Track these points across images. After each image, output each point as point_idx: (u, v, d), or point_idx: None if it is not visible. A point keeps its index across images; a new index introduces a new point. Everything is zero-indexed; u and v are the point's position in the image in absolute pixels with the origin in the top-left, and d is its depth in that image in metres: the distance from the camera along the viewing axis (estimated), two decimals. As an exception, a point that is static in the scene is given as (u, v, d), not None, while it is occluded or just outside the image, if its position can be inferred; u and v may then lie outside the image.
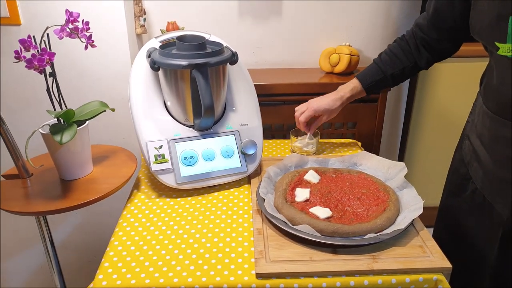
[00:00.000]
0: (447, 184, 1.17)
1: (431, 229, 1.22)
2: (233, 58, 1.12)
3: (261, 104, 1.23)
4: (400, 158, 2.08)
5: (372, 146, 1.67)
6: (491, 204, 0.96)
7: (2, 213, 1.01)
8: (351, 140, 1.43)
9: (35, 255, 1.72)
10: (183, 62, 1.02)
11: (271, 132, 1.65)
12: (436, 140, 1.99)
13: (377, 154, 1.69)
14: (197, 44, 1.06)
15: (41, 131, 1.03)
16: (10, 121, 1.30)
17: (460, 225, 1.08)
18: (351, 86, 1.22)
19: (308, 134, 1.29)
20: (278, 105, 1.60)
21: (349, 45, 1.67)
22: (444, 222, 1.19)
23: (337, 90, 1.25)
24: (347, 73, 1.65)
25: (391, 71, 1.17)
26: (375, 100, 1.59)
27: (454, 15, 0.98)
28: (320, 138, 1.38)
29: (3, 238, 1.67)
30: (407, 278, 0.80)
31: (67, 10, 0.95)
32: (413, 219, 0.91)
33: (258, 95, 1.24)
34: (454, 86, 1.88)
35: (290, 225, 0.90)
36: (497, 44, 0.81)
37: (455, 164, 1.12)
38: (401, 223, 0.90)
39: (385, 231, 0.88)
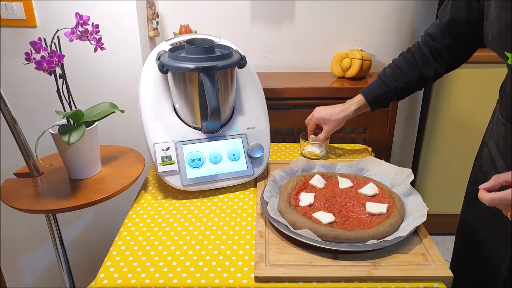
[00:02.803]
0: (466, 192, 1.14)
1: (446, 237, 1.20)
2: (241, 62, 1.12)
3: (272, 108, 1.24)
4: (414, 165, 2.05)
5: (383, 152, 1.65)
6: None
7: (15, 211, 1.03)
8: (361, 146, 1.42)
9: (47, 253, 1.75)
10: (191, 65, 1.04)
11: (281, 136, 1.65)
12: (452, 147, 1.96)
13: (388, 160, 1.67)
14: (205, 48, 1.08)
15: (51, 131, 1.05)
16: (25, 121, 1.34)
17: (476, 235, 1.06)
18: (357, 99, 1.23)
19: (309, 138, 1.30)
20: (289, 109, 1.60)
21: (362, 50, 1.66)
22: (462, 231, 1.16)
23: (345, 102, 1.25)
24: (359, 78, 1.64)
25: (394, 84, 1.17)
26: (387, 105, 1.58)
27: (471, 20, 0.96)
28: (330, 143, 1.37)
29: (15, 235, 1.71)
30: (407, 286, 0.79)
31: (77, 13, 0.98)
32: (417, 227, 0.90)
33: (269, 99, 1.24)
34: (472, 93, 1.85)
35: (292, 229, 0.90)
36: (506, 53, 0.80)
37: (475, 172, 1.10)
38: (404, 230, 0.89)
39: (387, 238, 0.87)
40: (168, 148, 1.09)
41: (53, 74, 1.00)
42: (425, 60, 1.12)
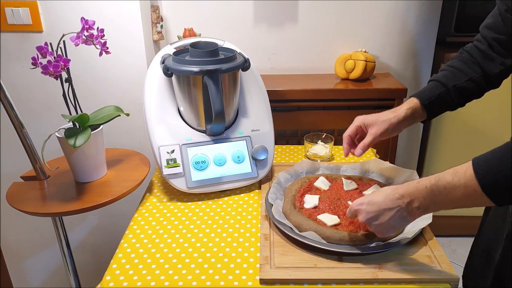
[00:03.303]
0: None
1: (452, 239, 1.19)
2: (245, 65, 1.13)
3: (276, 110, 1.24)
4: (419, 167, 2.04)
5: (387, 153, 1.65)
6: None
7: (22, 214, 1.04)
8: (365, 147, 1.41)
9: (53, 255, 1.76)
10: (195, 69, 1.04)
11: (285, 138, 1.65)
12: (457, 148, 1.95)
13: (393, 161, 1.67)
14: (209, 51, 1.08)
15: (57, 135, 1.06)
16: (31, 125, 1.35)
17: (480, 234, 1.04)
18: (409, 102, 1.01)
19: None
20: (293, 111, 1.60)
21: (365, 51, 1.66)
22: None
23: None
24: (363, 80, 1.64)
25: (453, 83, 0.97)
26: (391, 106, 1.58)
27: None
28: (335, 145, 1.37)
29: (22, 238, 1.72)
30: (412, 288, 0.79)
31: (82, 18, 0.99)
32: (422, 228, 0.90)
33: (273, 101, 1.24)
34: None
35: (297, 231, 0.90)
36: None
37: None
38: (409, 232, 0.89)
39: (392, 240, 0.87)
40: (173, 151, 1.10)
41: (59, 78, 1.01)
42: (485, 56, 0.95)
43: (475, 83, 0.97)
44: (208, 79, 1.04)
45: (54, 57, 0.97)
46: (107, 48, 1.04)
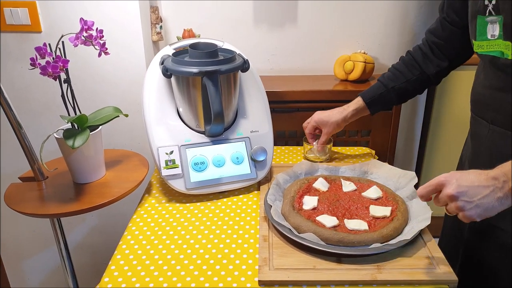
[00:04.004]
0: None
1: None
2: (245, 66, 1.13)
3: (275, 111, 1.24)
4: (418, 168, 2.04)
5: (386, 155, 1.65)
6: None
7: (20, 214, 1.04)
8: (365, 149, 1.42)
9: (52, 256, 1.76)
10: (194, 70, 1.04)
11: (284, 139, 1.65)
12: (456, 150, 1.94)
13: (392, 163, 1.67)
14: (209, 52, 1.08)
15: (56, 136, 1.06)
16: (30, 125, 1.35)
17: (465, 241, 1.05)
18: (355, 101, 1.22)
19: (314, 143, 1.28)
20: (292, 112, 1.60)
21: (364, 53, 1.66)
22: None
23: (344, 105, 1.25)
24: (362, 81, 1.64)
25: (392, 84, 1.16)
26: (390, 108, 1.58)
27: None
28: (334, 146, 1.37)
29: (20, 238, 1.72)
30: (411, 290, 0.79)
31: (81, 19, 0.98)
32: (421, 230, 0.90)
33: (272, 102, 1.24)
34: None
35: (296, 232, 0.90)
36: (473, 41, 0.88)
37: None
38: (408, 233, 0.89)
39: (391, 241, 0.87)
40: (171, 152, 1.10)
41: (57, 79, 1.01)
42: (425, 57, 1.11)
43: (410, 84, 1.14)
44: (207, 80, 1.03)
45: (53, 58, 0.97)
46: (106, 49, 1.04)
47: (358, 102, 1.21)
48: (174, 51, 1.18)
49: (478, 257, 1.00)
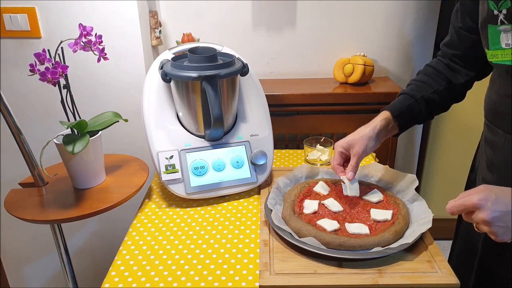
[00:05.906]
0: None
1: (449, 242, 1.19)
2: (244, 70, 1.13)
3: (275, 115, 1.23)
4: (419, 171, 2.04)
5: (387, 158, 1.65)
6: None
7: (20, 220, 1.04)
8: (365, 151, 1.41)
9: (52, 261, 1.76)
10: (193, 74, 1.04)
11: (284, 142, 1.65)
12: (456, 153, 1.95)
13: (392, 166, 1.67)
14: (208, 56, 1.08)
15: (55, 141, 1.06)
16: (30, 131, 1.35)
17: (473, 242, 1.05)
18: (381, 114, 1.04)
19: (343, 177, 1.01)
20: (292, 115, 1.60)
21: (364, 55, 1.66)
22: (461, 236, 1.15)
23: None
24: (361, 84, 1.64)
25: (421, 94, 1.02)
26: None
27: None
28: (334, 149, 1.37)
29: (21, 244, 1.72)
30: (413, 294, 0.78)
31: (80, 24, 0.98)
32: (422, 233, 0.89)
33: (272, 106, 1.24)
34: (477, 97, 1.84)
35: (296, 237, 0.90)
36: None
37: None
38: (409, 237, 0.88)
39: (392, 245, 0.87)
40: (171, 157, 1.10)
41: (57, 85, 1.01)
42: (450, 68, 1.02)
43: (439, 95, 1.02)
44: (207, 85, 1.03)
45: (52, 64, 0.97)
46: (105, 54, 1.04)
47: (384, 113, 1.03)
48: (174, 55, 1.18)
49: (493, 269, 0.98)
